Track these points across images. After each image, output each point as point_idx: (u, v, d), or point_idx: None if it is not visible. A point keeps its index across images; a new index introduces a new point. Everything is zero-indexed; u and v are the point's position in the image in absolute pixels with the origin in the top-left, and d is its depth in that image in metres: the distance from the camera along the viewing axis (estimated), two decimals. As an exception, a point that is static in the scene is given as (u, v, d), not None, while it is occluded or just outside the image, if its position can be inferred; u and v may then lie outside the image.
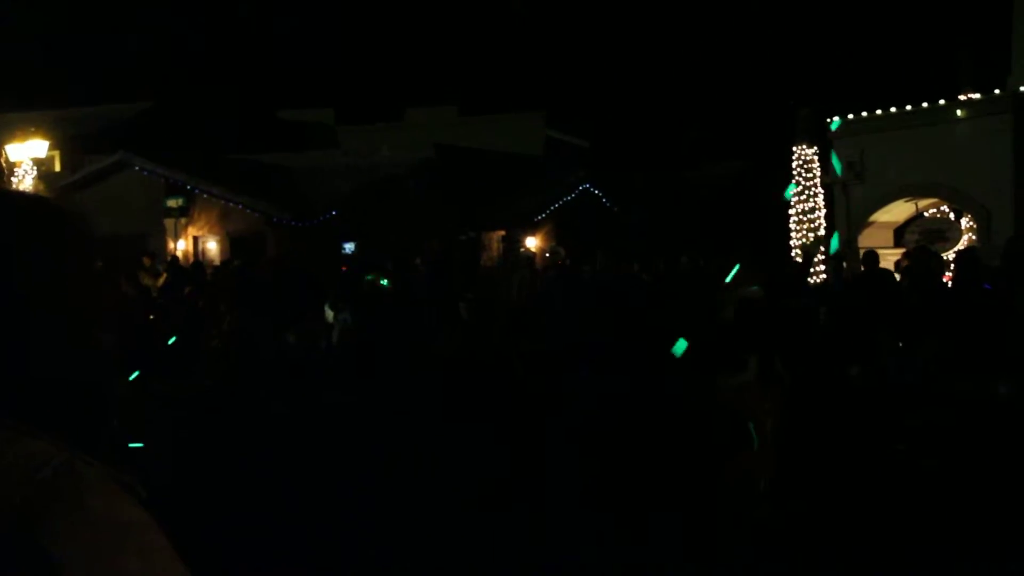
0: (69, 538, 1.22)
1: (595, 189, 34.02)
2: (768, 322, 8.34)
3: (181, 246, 29.99)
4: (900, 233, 23.65)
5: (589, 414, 9.02)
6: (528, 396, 8.81)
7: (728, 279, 8.93)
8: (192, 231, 31.04)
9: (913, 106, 22.28)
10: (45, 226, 1.45)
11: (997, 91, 20.93)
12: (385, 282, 12.59)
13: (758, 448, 7.93)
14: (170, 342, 8.79)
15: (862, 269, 14.01)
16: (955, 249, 18.38)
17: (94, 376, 1.44)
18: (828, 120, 23.74)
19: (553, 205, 32.56)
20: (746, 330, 8.20)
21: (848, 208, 23.57)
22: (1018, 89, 20.48)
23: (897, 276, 13.81)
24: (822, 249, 22.59)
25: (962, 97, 21.46)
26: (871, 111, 23.06)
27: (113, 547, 1.24)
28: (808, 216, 23.45)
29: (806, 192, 23.49)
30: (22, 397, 1.34)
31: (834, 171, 19.02)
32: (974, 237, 20.82)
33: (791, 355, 8.58)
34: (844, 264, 17.84)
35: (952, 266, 11.88)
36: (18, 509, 1.22)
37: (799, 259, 20.23)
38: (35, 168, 26.96)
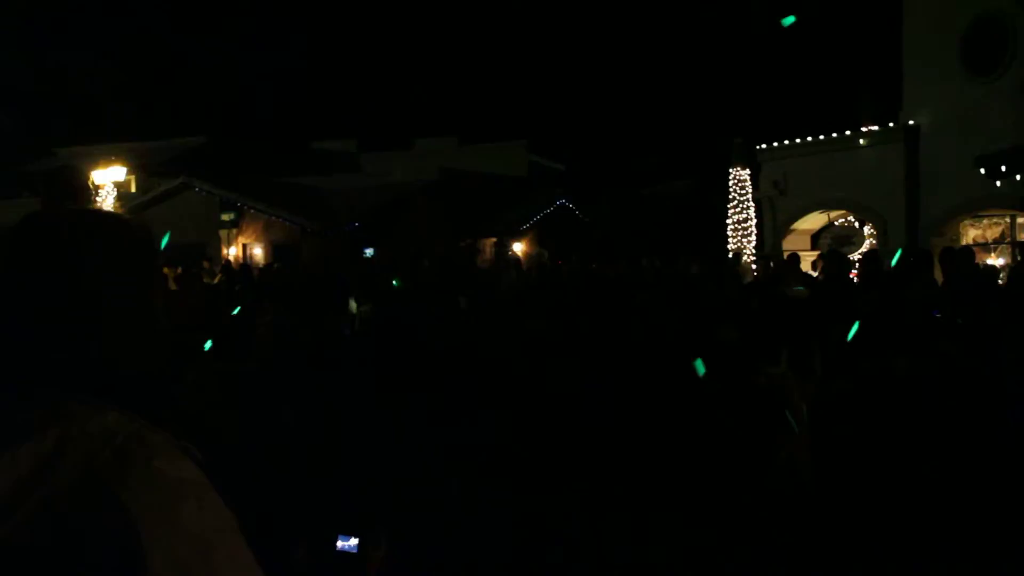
0: (139, 491, 1.23)
1: (570, 204, 34.08)
2: (805, 317, 7.76)
3: (232, 252, 29.99)
4: (815, 238, 23.68)
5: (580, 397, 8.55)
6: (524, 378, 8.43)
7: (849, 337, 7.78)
8: (241, 240, 31.02)
9: (825, 135, 22.31)
10: (119, 237, 1.46)
11: (891, 124, 20.96)
12: (396, 282, 12.60)
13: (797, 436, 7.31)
14: (234, 314, 8.71)
15: (818, 269, 14.04)
16: (860, 251, 18.40)
17: (157, 361, 1.45)
18: (757, 147, 23.75)
19: (535, 217, 32.60)
20: (778, 325, 7.60)
21: (774, 218, 23.60)
22: (908, 122, 20.51)
23: (814, 273, 13.82)
24: (753, 252, 22.62)
25: (864, 128, 21.49)
26: (792, 139, 23.08)
27: (173, 498, 1.25)
28: (742, 225, 23.45)
29: (740, 205, 23.49)
30: (99, 378, 1.34)
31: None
32: (874, 241, 20.87)
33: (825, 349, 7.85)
34: (771, 264, 17.82)
35: (857, 265, 11.89)
36: (99, 469, 1.23)
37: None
38: (115, 189, 27.07)
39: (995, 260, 18.37)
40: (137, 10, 79.26)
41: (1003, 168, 16.46)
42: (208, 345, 7.30)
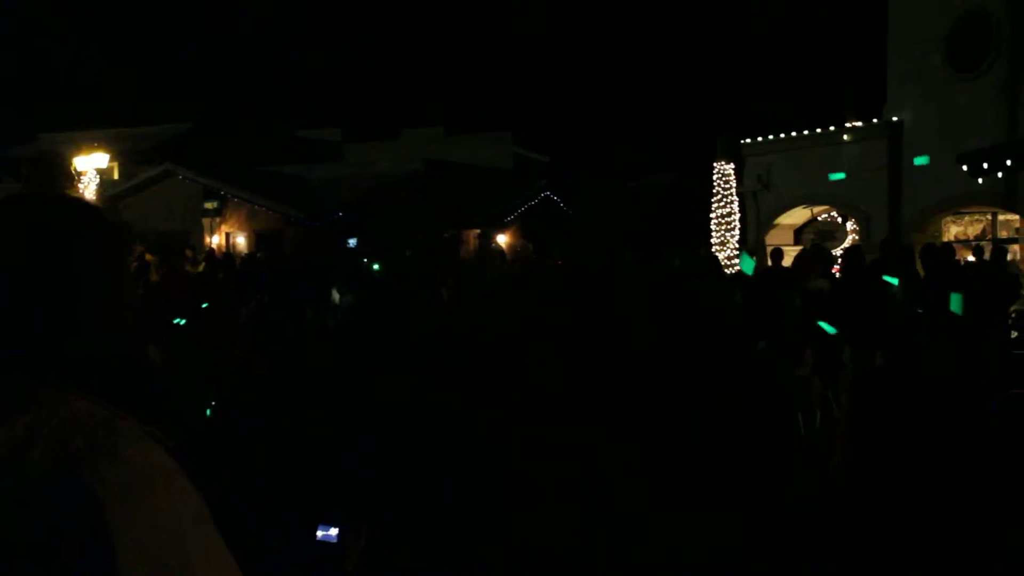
0: (108, 478, 1.22)
1: (554, 196, 34.10)
2: (835, 312, 7.39)
3: (216, 240, 29.95)
4: (799, 233, 23.78)
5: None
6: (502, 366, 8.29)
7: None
8: (225, 228, 31.01)
9: (809, 131, 22.40)
10: (93, 226, 1.44)
11: (875, 120, 21.06)
12: (376, 267, 12.62)
13: (806, 438, 7.06)
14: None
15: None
16: (842, 246, 18.46)
17: (128, 349, 1.44)
18: (742, 141, 23.82)
19: (519, 209, 32.61)
20: (803, 322, 7.29)
21: (758, 212, 23.69)
22: (891, 118, 20.61)
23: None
24: (737, 246, 22.67)
25: (847, 124, 21.58)
26: (776, 135, 23.15)
27: (143, 486, 1.25)
28: (726, 219, 23.52)
29: (724, 199, 23.57)
30: (70, 366, 1.33)
31: None
32: (857, 237, 20.96)
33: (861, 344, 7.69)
34: (754, 258, 17.86)
35: (840, 260, 11.93)
36: (67, 456, 1.23)
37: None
38: (98, 176, 27.03)
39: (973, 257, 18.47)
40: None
41: (985, 166, 16.54)
42: (181, 321, 7.24)
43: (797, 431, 7.02)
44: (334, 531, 2.89)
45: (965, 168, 16.71)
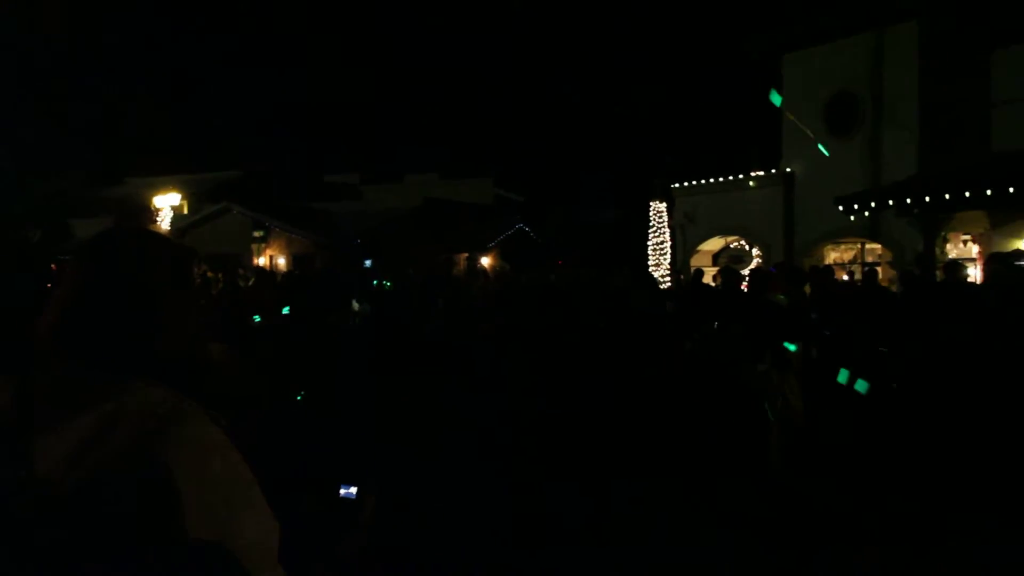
0: (176, 451, 1.23)
1: (527, 227, 34.14)
2: (787, 321, 7.21)
3: (262, 261, 29.83)
4: (716, 257, 23.87)
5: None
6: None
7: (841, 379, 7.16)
8: (269, 252, 30.89)
9: (724, 178, 22.52)
10: (171, 254, 1.46)
11: (773, 170, 21.21)
12: (388, 284, 12.57)
13: (773, 424, 6.84)
14: (256, 319, 8.60)
15: (717, 281, 14.12)
16: (749, 268, 18.55)
17: (193, 348, 1.45)
18: (672, 185, 23.92)
19: (499, 237, 32.65)
20: (764, 328, 7.07)
21: (684, 241, 23.77)
22: (786, 169, 20.76)
23: (713, 284, 13.93)
24: (668, 267, 22.75)
25: (753, 173, 21.72)
26: (699, 180, 23.29)
27: (203, 457, 1.26)
28: (660, 246, 23.63)
29: (658, 230, 23.64)
30: (148, 362, 1.34)
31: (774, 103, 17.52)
32: (760, 260, 21.07)
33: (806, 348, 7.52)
34: (681, 277, 17.92)
35: (747, 279, 11.99)
36: (146, 433, 1.23)
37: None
38: (171, 211, 27.01)
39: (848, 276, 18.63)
40: (192, 70, 78.52)
41: (855, 206, 16.72)
42: (257, 318, 7.16)
43: (767, 416, 6.85)
44: (353, 489, 2.90)
45: (841, 208, 16.87)
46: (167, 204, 26.69)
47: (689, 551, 5.25)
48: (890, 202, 15.97)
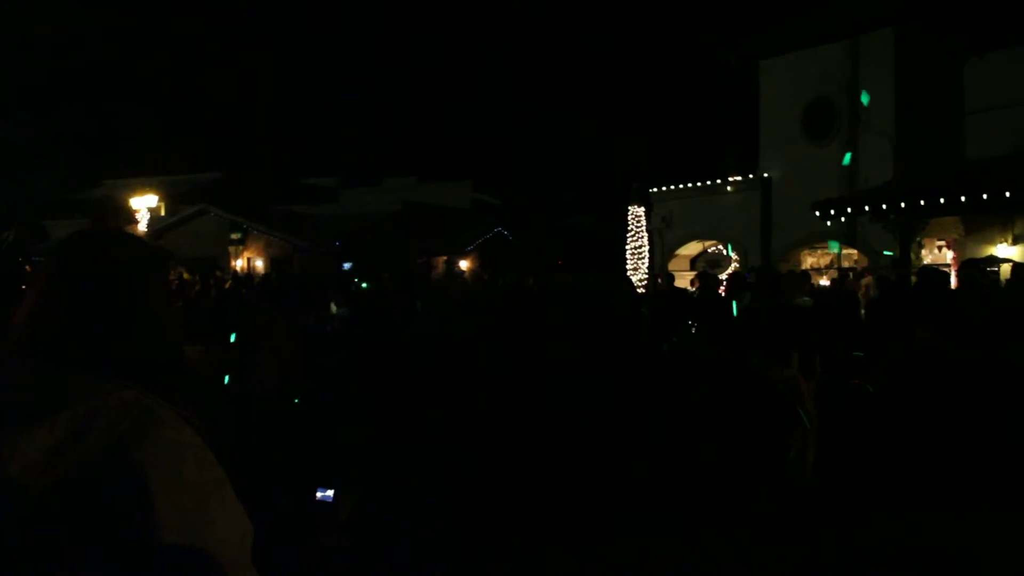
0: (150, 453, 1.22)
1: (504, 231, 34.19)
2: (812, 324, 7.06)
3: (239, 264, 29.64)
4: (694, 261, 24.01)
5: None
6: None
7: None
8: (247, 254, 30.74)
9: (702, 183, 22.67)
10: (145, 255, 1.45)
11: (751, 176, 21.37)
12: (365, 285, 12.54)
13: (809, 432, 6.66)
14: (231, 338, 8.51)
15: (695, 285, 14.14)
16: (726, 272, 18.69)
17: (168, 350, 1.44)
18: (650, 190, 24.03)
19: (477, 240, 32.67)
20: (790, 332, 6.81)
21: (662, 245, 23.89)
22: (763, 174, 20.93)
23: (691, 288, 13.99)
24: (646, 271, 22.82)
25: (731, 178, 21.88)
26: (677, 185, 23.41)
27: (177, 458, 1.25)
28: (638, 250, 23.70)
29: (636, 235, 23.74)
30: (123, 363, 1.33)
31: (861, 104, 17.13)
32: (737, 265, 21.22)
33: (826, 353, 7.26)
34: (659, 280, 18.00)
35: (724, 282, 12.07)
36: (120, 435, 1.22)
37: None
38: (148, 213, 26.87)
39: (826, 280, 18.77)
40: (170, 73, 78.01)
41: (831, 212, 16.88)
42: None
43: (800, 420, 6.62)
44: (330, 492, 2.89)
45: (817, 213, 17.03)
46: (144, 206, 26.49)
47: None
48: (866, 208, 16.14)
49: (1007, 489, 6.12)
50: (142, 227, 25.65)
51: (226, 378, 4.63)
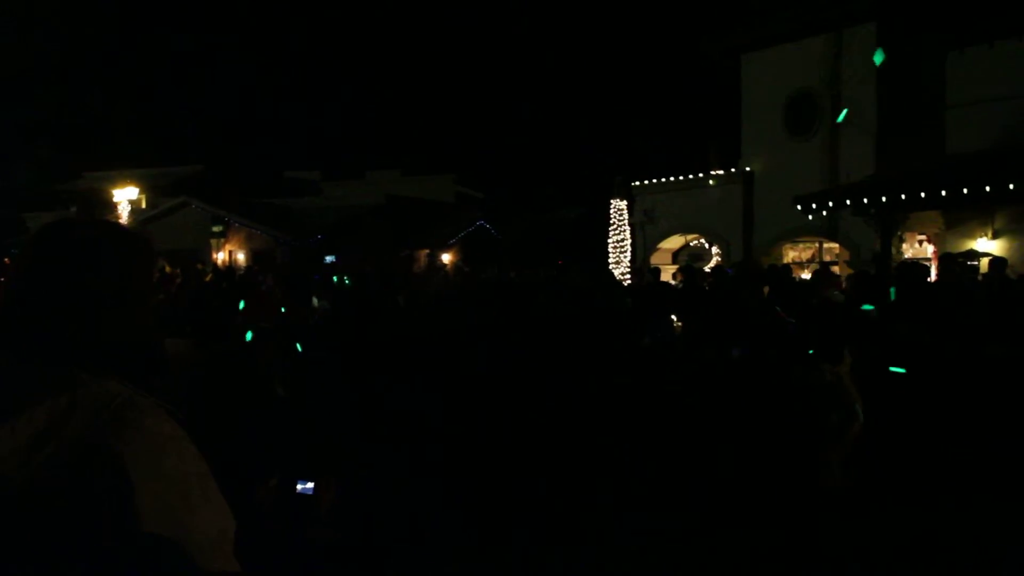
0: (130, 443, 1.22)
1: (487, 224, 34.14)
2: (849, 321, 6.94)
3: (221, 256, 29.48)
4: (676, 255, 24.07)
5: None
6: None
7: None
8: (228, 247, 30.54)
9: (684, 176, 22.72)
10: (124, 243, 1.43)
11: (733, 169, 21.44)
12: (347, 280, 12.49)
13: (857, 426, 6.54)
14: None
15: (678, 279, 14.19)
16: (709, 266, 18.75)
17: (146, 341, 1.43)
18: (632, 183, 24.06)
19: (460, 234, 32.62)
20: (841, 327, 6.72)
21: (644, 239, 23.93)
22: (745, 168, 21.00)
23: (673, 282, 14.05)
24: (628, 265, 22.85)
25: (713, 172, 21.94)
26: (659, 179, 23.45)
27: (158, 449, 1.25)
28: (620, 244, 23.71)
29: (619, 228, 23.76)
30: (103, 354, 1.32)
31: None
32: (719, 258, 21.30)
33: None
34: (645, 274, 18.02)
35: (708, 276, 12.12)
36: (100, 426, 1.22)
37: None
38: (129, 205, 26.72)
39: (807, 274, 18.90)
40: (149, 65, 77.24)
41: (813, 206, 16.98)
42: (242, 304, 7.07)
43: (856, 416, 6.48)
44: (310, 485, 2.90)
45: (799, 207, 17.13)
46: (125, 198, 26.33)
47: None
48: (847, 202, 16.25)
49: (988, 483, 6.16)
50: (122, 220, 25.50)
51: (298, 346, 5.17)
